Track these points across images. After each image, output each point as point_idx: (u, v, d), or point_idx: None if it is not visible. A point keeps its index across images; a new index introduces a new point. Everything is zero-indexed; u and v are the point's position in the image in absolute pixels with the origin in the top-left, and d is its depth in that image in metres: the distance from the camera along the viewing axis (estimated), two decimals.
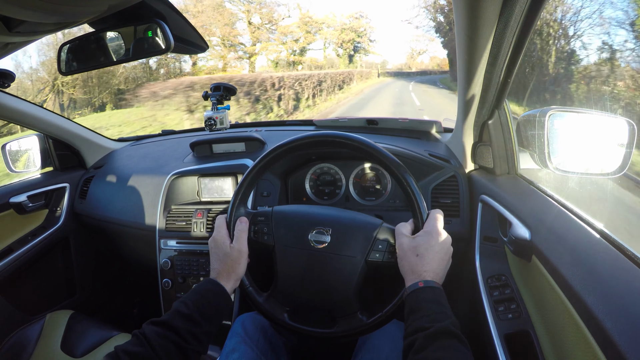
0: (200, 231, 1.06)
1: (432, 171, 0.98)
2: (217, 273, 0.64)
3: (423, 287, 0.54)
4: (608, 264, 0.50)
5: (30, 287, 1.27)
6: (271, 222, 0.69)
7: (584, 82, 6.58)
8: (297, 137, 0.69)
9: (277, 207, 0.72)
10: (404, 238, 0.60)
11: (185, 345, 0.53)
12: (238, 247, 0.66)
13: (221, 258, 0.65)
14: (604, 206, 1.78)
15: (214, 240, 0.68)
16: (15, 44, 0.55)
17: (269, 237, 0.69)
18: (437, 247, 0.58)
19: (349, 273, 0.65)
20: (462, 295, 0.94)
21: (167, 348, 0.51)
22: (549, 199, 0.73)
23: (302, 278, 0.67)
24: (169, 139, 1.55)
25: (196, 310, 0.56)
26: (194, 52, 0.76)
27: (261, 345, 0.72)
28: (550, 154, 0.75)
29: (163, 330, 0.53)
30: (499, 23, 0.57)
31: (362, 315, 0.65)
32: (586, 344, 0.44)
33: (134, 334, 0.53)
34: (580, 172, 0.79)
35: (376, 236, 0.64)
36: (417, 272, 0.56)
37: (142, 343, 0.51)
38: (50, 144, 1.36)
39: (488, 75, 0.70)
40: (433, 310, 0.51)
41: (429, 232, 0.59)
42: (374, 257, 0.64)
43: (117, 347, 0.51)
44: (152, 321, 0.55)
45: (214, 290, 0.61)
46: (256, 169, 0.71)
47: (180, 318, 0.55)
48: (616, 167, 0.71)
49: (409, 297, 0.55)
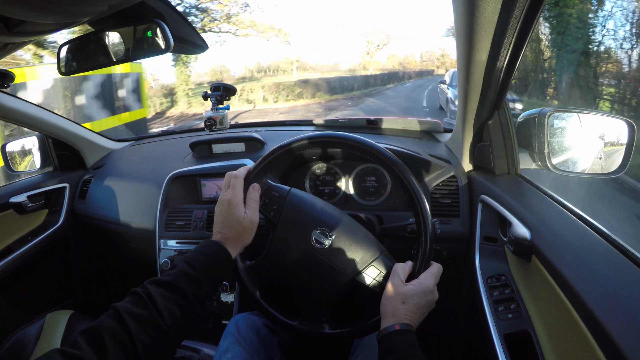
0: (200, 231, 1.06)
1: (432, 171, 0.98)
2: (224, 238, 0.61)
3: (399, 330, 0.55)
4: (608, 264, 0.50)
5: (30, 287, 1.27)
6: (284, 201, 0.68)
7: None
8: (306, 135, 0.69)
9: (294, 190, 0.71)
10: (397, 281, 0.60)
11: (189, 309, 0.50)
12: (251, 217, 0.63)
13: (232, 224, 0.61)
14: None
15: (227, 202, 0.62)
16: (15, 44, 0.55)
17: (275, 215, 0.68)
18: (424, 302, 0.59)
19: (332, 283, 0.65)
20: (462, 295, 0.94)
21: (172, 311, 0.48)
22: (549, 199, 0.73)
23: (287, 266, 0.67)
24: (169, 139, 1.55)
25: (202, 272, 0.54)
26: (194, 52, 0.76)
27: (254, 345, 0.72)
28: (550, 154, 0.75)
29: (169, 293, 0.50)
30: (498, 23, 0.57)
31: (325, 324, 0.66)
32: (586, 344, 0.44)
33: (135, 292, 0.49)
34: (580, 172, 0.79)
35: (373, 262, 0.64)
36: (398, 316, 0.57)
37: (147, 305, 0.47)
38: (50, 144, 1.36)
39: (488, 75, 0.70)
40: (410, 353, 0.52)
41: (423, 286, 0.59)
42: (362, 280, 0.64)
43: (119, 307, 0.47)
44: (156, 281, 0.51)
45: (220, 255, 0.58)
46: (292, 145, 0.68)
47: (187, 280, 0.52)
48: (616, 167, 0.71)
49: (385, 337, 0.55)
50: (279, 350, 0.76)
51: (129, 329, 0.44)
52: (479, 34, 0.60)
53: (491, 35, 0.59)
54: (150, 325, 0.46)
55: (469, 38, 0.62)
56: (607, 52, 6.44)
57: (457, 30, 0.64)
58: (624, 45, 6.06)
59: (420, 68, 41.18)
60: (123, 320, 0.45)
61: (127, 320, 0.45)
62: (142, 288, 0.50)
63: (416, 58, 48.18)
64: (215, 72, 27.11)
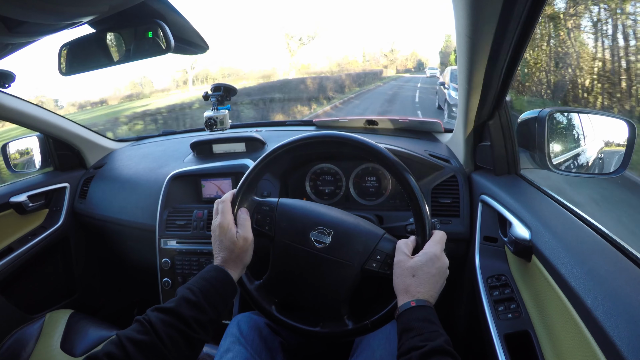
0: (200, 231, 1.06)
1: (432, 171, 0.98)
2: (223, 261, 0.62)
3: (415, 307, 0.54)
4: (608, 264, 0.50)
5: (30, 287, 1.28)
6: (275, 213, 0.69)
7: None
8: (302, 136, 0.69)
9: (282, 200, 0.71)
10: (403, 256, 0.60)
11: (192, 334, 0.51)
12: (244, 235, 0.64)
13: (228, 246, 0.63)
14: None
15: (219, 227, 0.64)
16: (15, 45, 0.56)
17: (270, 228, 0.68)
18: (434, 270, 0.58)
19: (343, 278, 0.65)
20: (462, 295, 0.94)
21: (173, 337, 0.50)
22: (549, 199, 0.73)
23: (296, 274, 0.67)
24: (169, 139, 1.55)
25: (203, 297, 0.55)
26: (194, 52, 0.76)
27: (256, 345, 0.72)
28: (550, 154, 0.75)
29: (169, 318, 0.51)
30: (499, 23, 0.57)
31: (348, 320, 0.65)
32: (586, 344, 0.44)
33: (138, 321, 0.51)
34: (580, 172, 0.79)
35: (376, 247, 0.64)
36: (411, 292, 0.56)
37: (148, 331, 0.49)
38: (51, 144, 1.36)
39: (488, 75, 0.70)
40: (426, 329, 0.51)
41: (429, 255, 0.59)
42: (370, 266, 0.64)
43: (121, 334, 0.48)
44: (157, 308, 0.53)
45: (221, 278, 0.59)
46: (270, 157, 0.69)
47: (187, 306, 0.53)
48: (616, 167, 0.71)
49: (401, 316, 0.55)
50: (280, 351, 0.75)
51: (128, 353, 0.46)
52: (480, 34, 0.60)
53: (492, 36, 0.59)
54: (150, 350, 0.48)
55: (469, 38, 0.62)
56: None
57: (457, 30, 0.64)
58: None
59: (362, 69, 33.58)
60: (123, 346, 0.47)
61: (127, 346, 0.47)
62: (145, 315, 0.52)
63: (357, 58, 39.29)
64: (135, 85, 22.54)
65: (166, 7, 0.62)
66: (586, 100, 5.93)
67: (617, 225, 2.10)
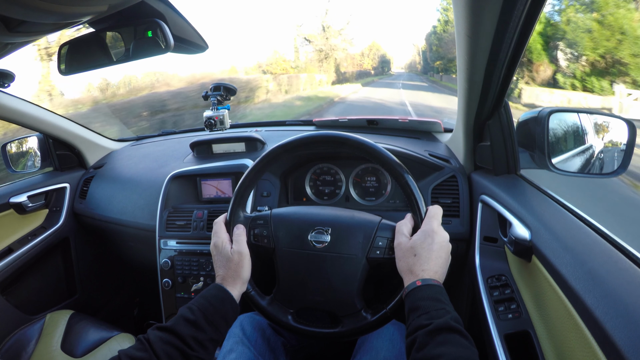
0: (200, 231, 1.06)
1: (432, 171, 0.98)
2: (222, 279, 0.63)
3: (421, 286, 0.54)
4: (608, 264, 0.50)
5: (30, 287, 1.28)
6: (270, 225, 0.69)
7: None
8: (297, 137, 0.69)
9: (275, 210, 0.72)
10: (402, 238, 0.60)
11: (189, 352, 0.52)
12: (238, 249, 0.65)
13: (224, 263, 0.64)
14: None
15: (214, 246, 0.67)
16: (15, 44, 0.55)
17: (269, 240, 0.69)
18: (435, 246, 0.57)
19: (351, 272, 0.65)
20: (462, 295, 0.94)
21: (171, 354, 0.51)
22: (549, 199, 0.73)
23: (304, 279, 0.67)
24: (169, 139, 1.55)
25: (202, 316, 0.56)
26: (194, 52, 0.76)
27: (259, 346, 0.72)
28: (550, 154, 0.75)
29: (167, 336, 0.52)
30: (499, 23, 0.57)
31: (366, 313, 0.65)
32: (586, 344, 0.44)
33: (138, 339, 0.53)
34: (580, 173, 0.79)
35: (376, 233, 0.64)
36: (415, 272, 0.56)
37: (146, 348, 0.51)
38: (51, 144, 1.36)
39: (488, 75, 0.70)
40: (432, 308, 0.50)
41: (427, 232, 0.59)
42: (375, 254, 0.64)
43: (121, 352, 0.50)
44: (157, 326, 0.54)
45: (220, 296, 0.60)
46: (255, 170, 0.70)
47: (185, 324, 0.54)
48: (616, 167, 0.71)
49: (408, 296, 0.55)
50: (283, 351, 0.76)
51: None
52: (480, 34, 0.60)
53: (492, 36, 0.59)
54: None
55: (469, 38, 0.61)
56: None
57: (457, 30, 0.64)
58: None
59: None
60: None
61: None
62: (145, 334, 0.53)
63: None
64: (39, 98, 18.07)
65: (166, 6, 0.62)
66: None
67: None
